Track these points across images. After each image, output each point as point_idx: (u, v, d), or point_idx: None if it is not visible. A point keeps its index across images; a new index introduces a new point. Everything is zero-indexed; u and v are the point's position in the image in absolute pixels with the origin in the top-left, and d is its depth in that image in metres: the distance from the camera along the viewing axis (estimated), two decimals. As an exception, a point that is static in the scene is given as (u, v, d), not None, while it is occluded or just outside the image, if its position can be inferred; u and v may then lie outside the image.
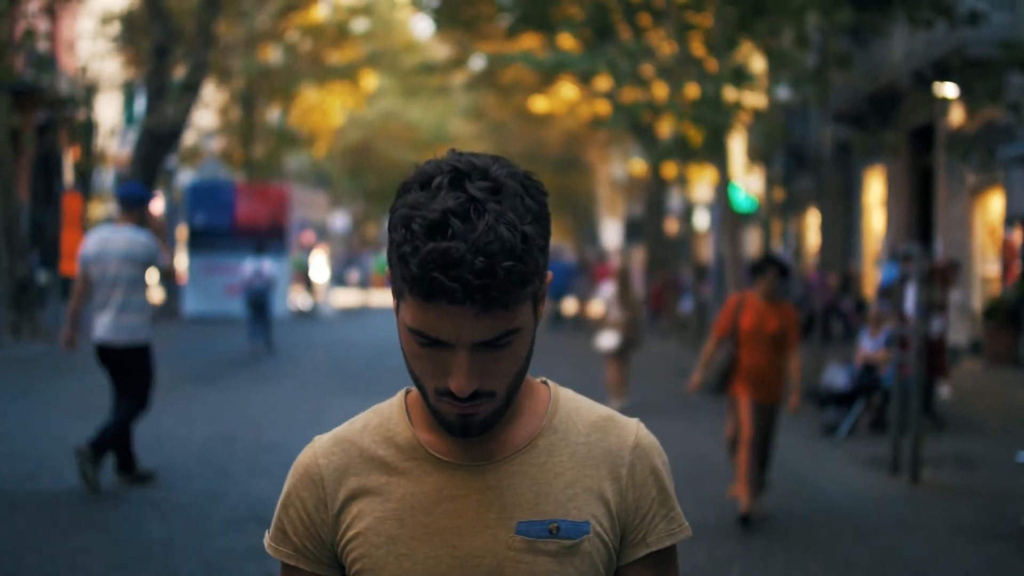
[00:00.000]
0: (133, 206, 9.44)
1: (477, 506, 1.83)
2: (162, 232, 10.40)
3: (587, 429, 1.90)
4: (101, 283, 9.23)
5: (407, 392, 1.95)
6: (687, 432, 13.16)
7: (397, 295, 1.79)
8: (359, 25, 40.99)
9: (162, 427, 12.86)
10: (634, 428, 1.92)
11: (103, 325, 9.24)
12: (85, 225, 26.63)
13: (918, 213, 24.71)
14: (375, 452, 1.89)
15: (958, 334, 15.50)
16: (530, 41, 28.47)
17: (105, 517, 8.58)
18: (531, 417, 1.90)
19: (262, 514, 8.70)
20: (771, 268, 9.07)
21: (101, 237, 9.36)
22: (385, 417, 1.93)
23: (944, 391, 15.32)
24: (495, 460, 1.85)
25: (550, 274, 1.86)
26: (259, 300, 22.69)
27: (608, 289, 15.80)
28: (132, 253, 9.20)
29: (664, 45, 21.60)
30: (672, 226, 39.11)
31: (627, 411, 2.09)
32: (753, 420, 8.87)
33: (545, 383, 1.96)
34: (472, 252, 1.67)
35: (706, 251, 39.41)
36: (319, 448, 1.92)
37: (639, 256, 39.95)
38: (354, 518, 1.87)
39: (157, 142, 29.30)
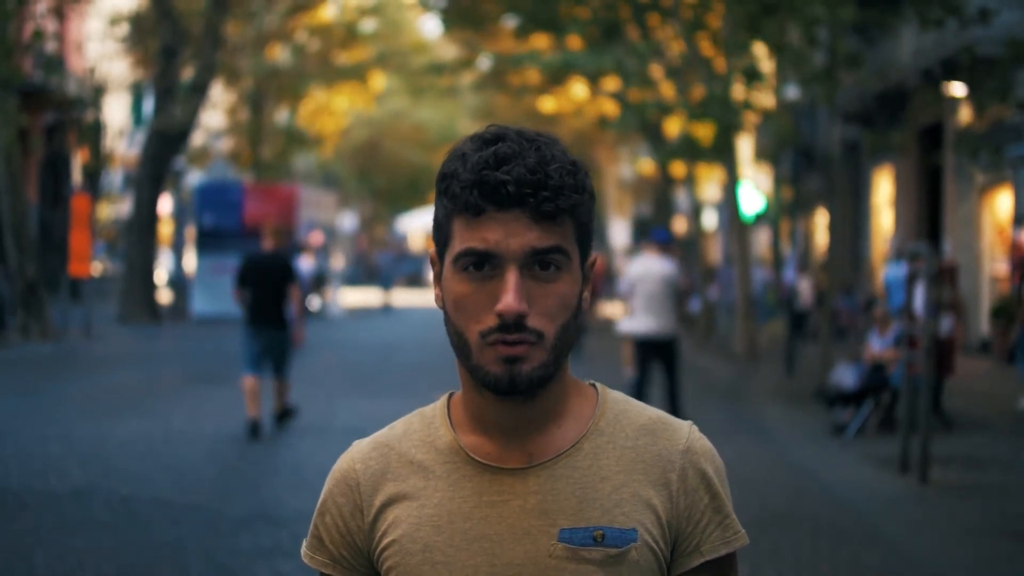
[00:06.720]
0: (664, 244, 13.16)
1: (518, 512, 1.74)
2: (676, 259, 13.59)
3: (636, 432, 1.81)
4: (645, 296, 12.25)
5: (450, 395, 1.86)
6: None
7: (440, 245, 1.76)
8: (367, 25, 40.96)
9: (171, 426, 12.89)
10: (686, 431, 1.83)
11: (648, 324, 12.24)
12: (93, 226, 26.63)
13: (927, 212, 24.66)
14: (414, 456, 1.80)
15: None
16: (538, 41, 28.47)
17: (114, 517, 8.59)
18: (577, 419, 1.80)
19: (272, 513, 8.72)
20: None
21: (644, 265, 12.56)
22: (427, 420, 1.84)
23: None
24: (537, 464, 1.76)
25: (598, 257, 1.81)
26: None
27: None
28: (665, 277, 12.34)
29: (673, 44, 21.59)
30: (680, 226, 39.08)
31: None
32: None
33: (593, 385, 1.86)
34: (523, 154, 1.70)
35: (714, 251, 39.38)
36: (357, 453, 1.84)
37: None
38: (390, 525, 1.78)
39: (165, 143, 29.34)
